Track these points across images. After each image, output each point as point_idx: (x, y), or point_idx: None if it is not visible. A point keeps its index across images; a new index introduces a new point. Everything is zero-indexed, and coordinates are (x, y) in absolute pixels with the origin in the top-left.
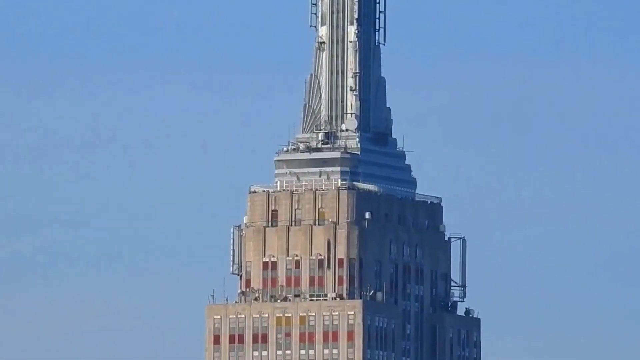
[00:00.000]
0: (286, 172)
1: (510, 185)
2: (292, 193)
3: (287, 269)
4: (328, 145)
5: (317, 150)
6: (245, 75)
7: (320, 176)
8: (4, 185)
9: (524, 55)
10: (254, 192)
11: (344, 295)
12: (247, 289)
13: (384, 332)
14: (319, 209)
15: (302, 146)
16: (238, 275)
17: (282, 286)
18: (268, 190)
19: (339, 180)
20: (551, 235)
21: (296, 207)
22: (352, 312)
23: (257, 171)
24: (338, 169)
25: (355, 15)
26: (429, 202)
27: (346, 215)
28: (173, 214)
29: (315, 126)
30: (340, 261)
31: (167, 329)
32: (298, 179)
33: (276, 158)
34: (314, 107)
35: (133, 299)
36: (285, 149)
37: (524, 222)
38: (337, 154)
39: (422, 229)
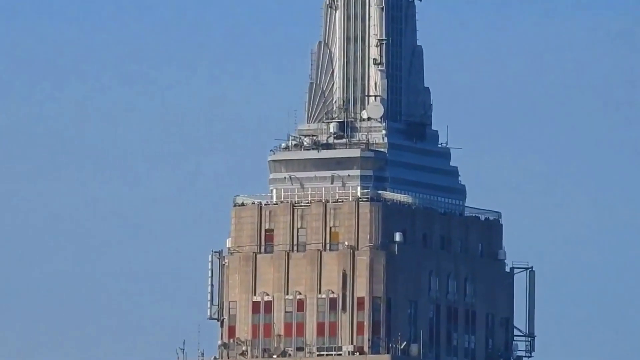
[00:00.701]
0: (285, 177)
1: (596, 192)
2: (294, 206)
3: (286, 312)
4: (343, 140)
5: (328, 146)
6: (227, 42)
7: (332, 182)
8: None
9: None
10: (241, 204)
11: (365, 349)
12: (231, 340)
13: None
14: (330, 229)
15: (307, 141)
16: (218, 320)
17: (279, 336)
18: (260, 203)
19: (359, 188)
20: None
21: (299, 225)
22: None
23: (245, 175)
24: (357, 172)
25: None
26: (483, 218)
27: (368, 236)
28: (126, 234)
29: (326, 114)
30: (361, 301)
31: None
32: (302, 186)
33: (271, 158)
34: (324, 88)
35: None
36: (283, 145)
37: (615, 246)
38: (355, 152)
39: (474, 255)
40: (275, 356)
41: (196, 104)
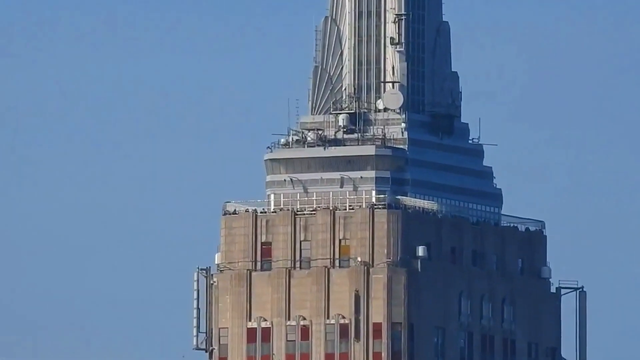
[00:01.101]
0: (285, 180)
1: None
2: (296, 214)
3: (287, 341)
4: (355, 136)
5: (337, 143)
6: (213, 16)
7: (342, 186)
8: None
9: None
10: (232, 212)
11: None
12: None
13: None
14: (340, 242)
15: (311, 136)
16: (207, 351)
17: None
18: (254, 210)
19: (374, 193)
20: None
21: (302, 237)
22: None
23: (237, 178)
24: (372, 173)
25: None
26: (523, 228)
27: (386, 251)
28: (96, 247)
29: (333, 104)
30: (377, 328)
31: None
32: (305, 190)
33: (268, 156)
34: (331, 73)
35: None
36: (282, 141)
37: None
38: (369, 150)
39: (513, 273)
40: None
41: (177, 90)
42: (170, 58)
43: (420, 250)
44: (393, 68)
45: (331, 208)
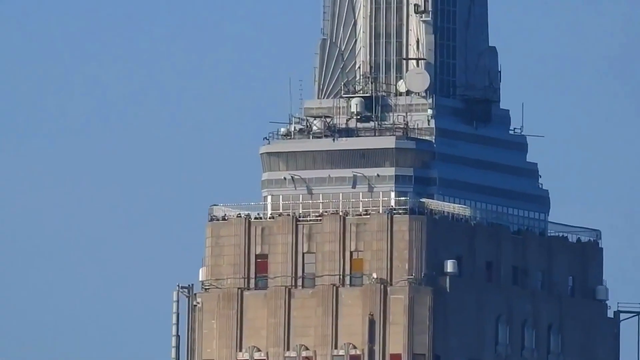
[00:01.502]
0: (284, 178)
1: None
2: (298, 221)
3: None
4: (370, 125)
5: (349, 133)
6: None
7: (354, 186)
8: None
9: None
10: (221, 218)
11: None
12: None
13: None
14: (351, 254)
15: (317, 125)
16: None
17: None
18: (248, 215)
19: (393, 195)
20: None
21: (305, 249)
22: None
23: (227, 176)
24: (391, 170)
25: None
26: (575, 239)
27: (407, 266)
28: (61, 260)
29: (345, 85)
30: None
31: None
32: (309, 191)
33: (264, 149)
34: (342, 47)
35: None
36: (282, 130)
37: None
38: (388, 142)
39: (561, 294)
40: None
41: (158, 69)
42: (158, 34)
43: (449, 266)
44: (418, 42)
45: (341, 213)
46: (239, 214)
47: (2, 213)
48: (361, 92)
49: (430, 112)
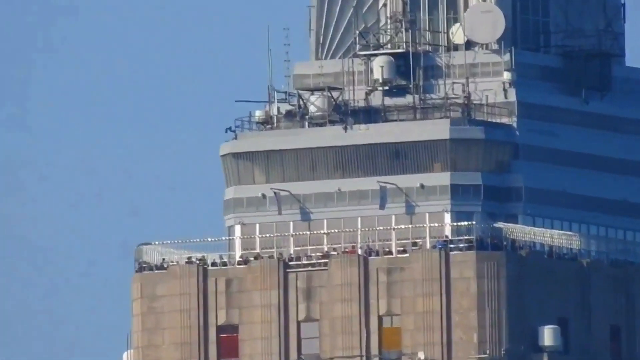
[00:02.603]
0: (262, 196)
1: None
2: (287, 267)
3: None
4: (405, 100)
5: (371, 115)
6: None
7: (382, 206)
8: None
9: None
10: (155, 267)
11: None
12: None
13: None
14: (380, 319)
15: (317, 104)
16: None
17: None
18: (202, 259)
19: (448, 218)
20: None
21: (301, 315)
22: None
23: (166, 195)
24: (444, 177)
25: None
26: None
27: (477, 336)
28: None
29: (360, 36)
30: None
31: None
32: (306, 216)
33: (228, 149)
34: None
35: None
36: (258, 114)
37: None
38: (437, 129)
39: None
40: None
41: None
42: None
43: (548, 336)
44: None
45: (360, 251)
46: (188, 257)
47: None
48: (389, 46)
49: (507, 77)
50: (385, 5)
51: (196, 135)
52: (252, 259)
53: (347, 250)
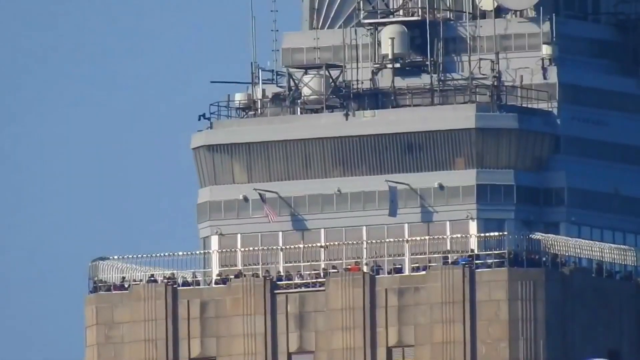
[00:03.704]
0: (243, 200)
1: None
2: (274, 287)
3: None
4: (422, 81)
5: (377, 100)
6: None
7: (392, 213)
8: None
9: None
10: (114, 286)
11: None
12: None
13: None
14: (390, 352)
15: (312, 85)
16: None
17: None
18: (171, 277)
19: (473, 227)
20: None
21: (293, 346)
22: None
23: (125, 198)
24: (470, 176)
25: None
26: None
27: None
28: None
29: (363, 1)
30: None
31: None
32: (298, 224)
33: (201, 140)
34: None
35: None
36: (239, 98)
37: None
38: (460, 116)
39: None
40: None
41: None
42: None
43: None
44: None
45: (366, 268)
46: (152, 275)
47: None
48: (401, 12)
49: (546, 51)
50: None
51: (162, 123)
52: (232, 277)
53: (349, 267)
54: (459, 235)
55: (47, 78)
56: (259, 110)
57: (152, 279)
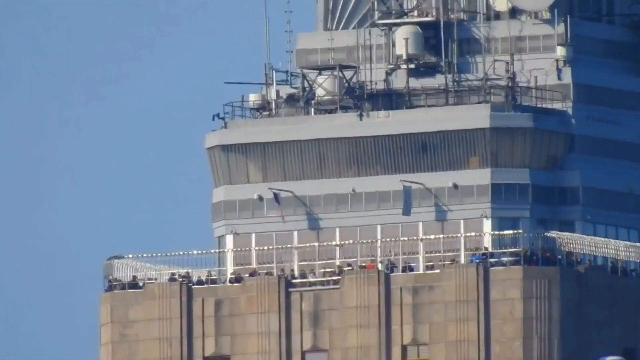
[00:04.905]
0: (258, 199)
1: None
2: (289, 285)
3: None
4: (436, 81)
5: (391, 101)
6: None
7: (407, 212)
8: None
9: None
10: (128, 285)
11: None
12: None
13: None
14: (405, 350)
15: (325, 86)
16: None
17: None
18: (186, 276)
19: (487, 225)
20: None
21: (307, 344)
22: None
23: (141, 200)
24: (484, 176)
25: None
26: None
27: None
28: None
29: (379, 1)
30: None
31: None
32: (312, 223)
33: (215, 140)
34: None
35: None
36: (253, 99)
37: None
38: (475, 116)
39: None
40: None
41: None
42: None
43: None
44: None
45: (380, 266)
46: (172, 274)
47: None
48: (416, 13)
49: (561, 52)
50: None
51: (177, 123)
52: (246, 275)
53: (363, 265)
54: (473, 234)
55: (67, 78)
56: (273, 110)
57: (167, 277)
